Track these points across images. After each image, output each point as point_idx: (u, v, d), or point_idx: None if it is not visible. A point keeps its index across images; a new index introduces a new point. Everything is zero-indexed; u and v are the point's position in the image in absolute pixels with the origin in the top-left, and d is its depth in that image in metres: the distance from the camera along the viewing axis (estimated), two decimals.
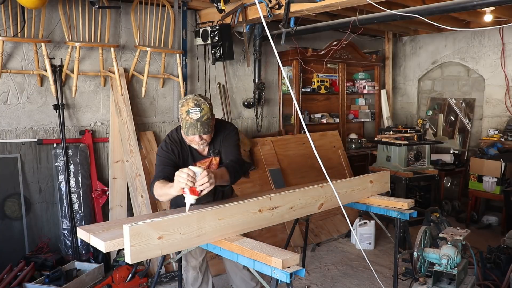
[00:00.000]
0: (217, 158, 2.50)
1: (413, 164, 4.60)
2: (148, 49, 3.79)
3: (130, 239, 1.72)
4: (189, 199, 2.08)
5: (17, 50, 3.54)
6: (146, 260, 3.55)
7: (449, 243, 2.51)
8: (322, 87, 5.50)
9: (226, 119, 4.82)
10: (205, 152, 2.50)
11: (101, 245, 1.95)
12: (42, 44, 3.42)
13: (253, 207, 2.18)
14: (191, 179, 2.04)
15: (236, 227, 2.12)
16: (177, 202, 2.53)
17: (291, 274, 1.80)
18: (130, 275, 3.35)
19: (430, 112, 6.29)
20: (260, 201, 2.22)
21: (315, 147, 2.56)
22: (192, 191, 2.07)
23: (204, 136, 2.37)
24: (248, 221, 2.16)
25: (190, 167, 2.08)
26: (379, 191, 3.13)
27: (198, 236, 1.97)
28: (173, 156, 2.40)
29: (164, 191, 2.20)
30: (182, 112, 2.27)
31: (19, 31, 3.40)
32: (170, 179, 2.23)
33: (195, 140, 2.36)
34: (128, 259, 1.75)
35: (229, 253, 2.05)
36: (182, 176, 2.03)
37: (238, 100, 5.04)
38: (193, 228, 1.93)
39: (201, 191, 2.08)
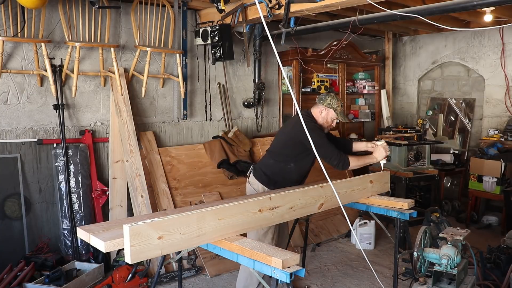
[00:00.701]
0: None
1: (413, 164, 4.60)
2: (148, 49, 3.79)
3: (130, 239, 1.73)
4: (384, 160, 3.15)
5: (17, 50, 3.55)
6: (146, 260, 3.55)
7: (449, 243, 2.51)
8: (322, 87, 5.49)
9: (226, 119, 4.83)
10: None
11: (101, 245, 1.95)
12: (42, 44, 3.42)
13: (253, 207, 2.18)
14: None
15: (236, 227, 2.12)
16: (286, 177, 3.11)
17: (291, 274, 1.81)
18: (130, 275, 3.35)
19: (430, 112, 6.28)
20: (260, 201, 2.23)
21: (315, 147, 2.56)
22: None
23: None
24: (248, 221, 2.17)
25: (378, 142, 3.18)
26: (379, 191, 3.13)
27: (198, 236, 1.97)
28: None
29: (365, 161, 3.08)
30: (338, 105, 3.12)
31: (19, 31, 3.40)
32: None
33: (333, 124, 3.20)
34: (128, 259, 1.76)
35: (229, 253, 2.05)
36: (387, 148, 3.13)
37: (238, 100, 5.04)
38: (193, 228, 1.94)
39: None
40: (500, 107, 5.52)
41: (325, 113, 3.13)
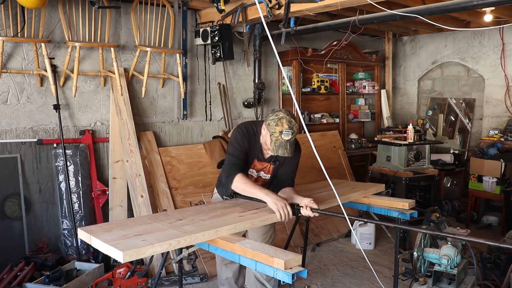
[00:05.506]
0: (272, 166, 2.72)
1: (413, 164, 4.60)
2: (148, 49, 3.79)
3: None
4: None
5: (17, 50, 3.54)
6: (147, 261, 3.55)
7: (449, 243, 2.51)
8: (322, 87, 5.50)
9: (226, 119, 4.82)
10: (267, 156, 2.68)
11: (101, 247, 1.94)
12: (42, 44, 3.42)
13: None
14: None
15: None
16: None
17: (293, 275, 1.80)
18: (129, 273, 3.35)
19: (430, 112, 6.29)
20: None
21: (315, 147, 2.55)
22: None
23: None
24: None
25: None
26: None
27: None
28: (246, 150, 2.58)
29: (251, 191, 2.44)
30: (276, 130, 2.42)
31: (19, 31, 3.40)
32: (242, 170, 2.52)
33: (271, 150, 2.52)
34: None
35: (231, 254, 2.05)
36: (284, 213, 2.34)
37: (238, 100, 5.04)
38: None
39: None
40: (500, 107, 5.52)
41: (264, 133, 2.55)
